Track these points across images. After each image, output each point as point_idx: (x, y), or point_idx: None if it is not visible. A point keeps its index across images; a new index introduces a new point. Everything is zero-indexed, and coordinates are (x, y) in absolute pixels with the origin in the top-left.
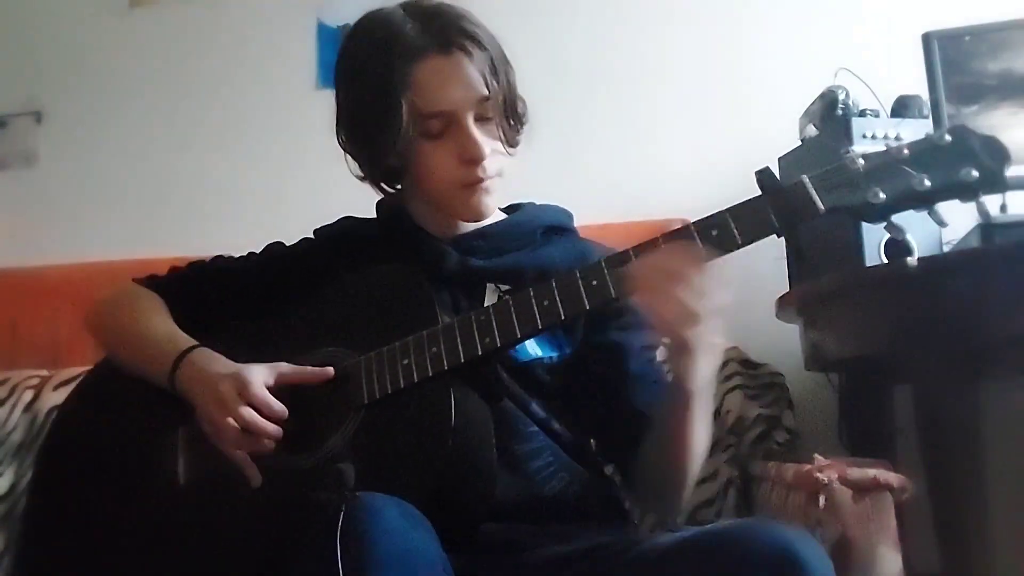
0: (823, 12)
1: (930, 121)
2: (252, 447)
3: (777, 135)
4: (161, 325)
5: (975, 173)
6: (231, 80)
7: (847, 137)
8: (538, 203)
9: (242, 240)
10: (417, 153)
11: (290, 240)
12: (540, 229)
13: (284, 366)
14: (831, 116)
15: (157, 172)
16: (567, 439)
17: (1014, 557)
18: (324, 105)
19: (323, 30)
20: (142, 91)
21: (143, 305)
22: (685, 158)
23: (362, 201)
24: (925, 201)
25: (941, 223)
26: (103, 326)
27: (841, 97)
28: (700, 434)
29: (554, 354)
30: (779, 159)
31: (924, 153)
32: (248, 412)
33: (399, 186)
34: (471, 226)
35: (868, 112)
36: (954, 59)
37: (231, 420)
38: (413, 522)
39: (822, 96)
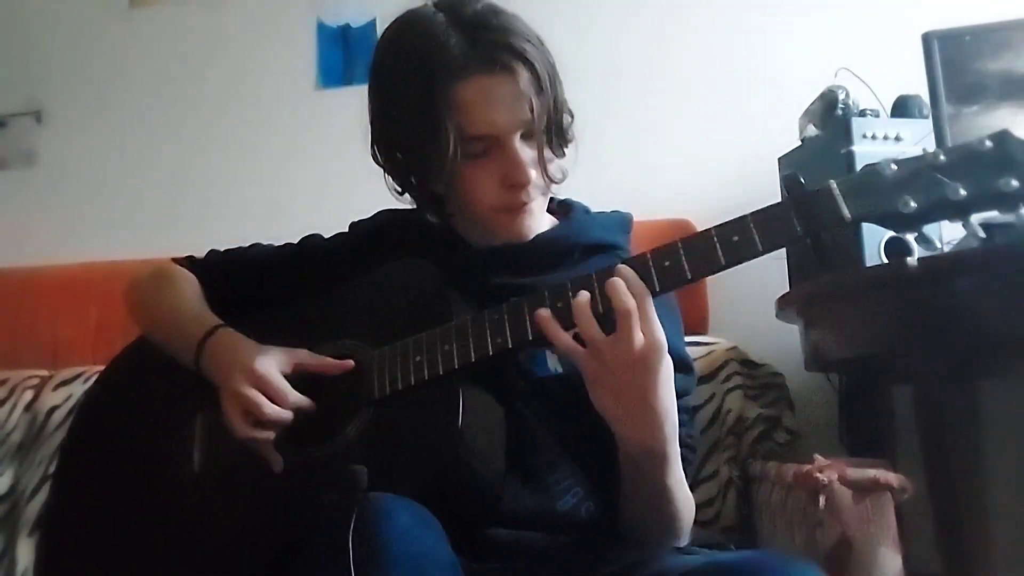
0: (823, 12)
1: (930, 121)
2: (264, 434)
3: (777, 135)
4: (192, 305)
5: (1015, 183)
6: (231, 80)
7: (847, 137)
8: (592, 212)
9: (242, 240)
10: (460, 174)
11: (289, 235)
12: (581, 248)
13: (304, 354)
14: (831, 116)
15: (157, 172)
16: (584, 456)
17: (1014, 557)
18: (324, 105)
19: (323, 30)
20: (142, 91)
21: (178, 284)
22: (685, 158)
23: (362, 201)
24: (959, 212)
25: (975, 235)
26: (139, 302)
27: (841, 97)
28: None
29: (572, 370)
30: (779, 159)
31: (961, 160)
32: (253, 395)
33: (444, 208)
34: None
35: (868, 112)
36: (954, 59)
37: (245, 418)
38: (425, 524)
39: (822, 96)
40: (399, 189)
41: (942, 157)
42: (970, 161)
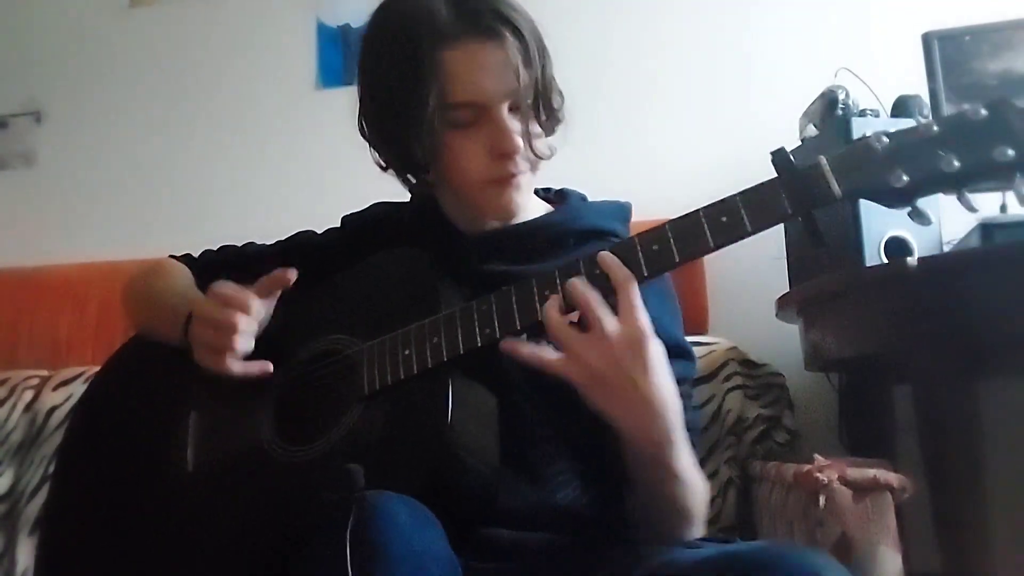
0: (823, 12)
1: None
2: (241, 344)
3: (777, 135)
4: (181, 289)
5: (1011, 152)
6: (231, 80)
7: (847, 137)
8: (589, 199)
9: (242, 240)
10: (446, 144)
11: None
12: (575, 234)
13: (259, 280)
14: (831, 116)
15: (157, 172)
16: (582, 447)
17: (1014, 557)
18: (324, 105)
19: (323, 30)
20: (142, 91)
21: (169, 274)
22: (684, 157)
23: (362, 200)
24: (954, 184)
25: (971, 208)
26: (132, 294)
27: (841, 97)
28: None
29: None
30: None
31: (955, 130)
32: (225, 316)
33: (426, 177)
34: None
35: (868, 112)
36: (954, 59)
37: (216, 337)
38: (424, 522)
39: (822, 96)
40: (383, 164)
41: (935, 128)
42: (965, 131)
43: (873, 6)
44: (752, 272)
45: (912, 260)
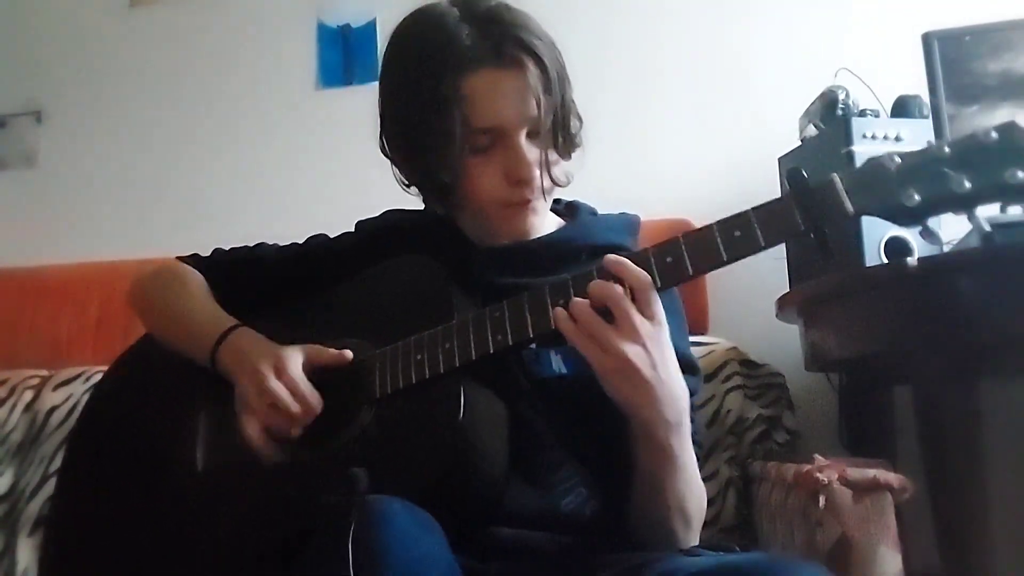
0: (823, 12)
1: (930, 121)
2: (277, 424)
3: (777, 135)
4: (205, 304)
5: (1021, 175)
6: (231, 80)
7: (847, 137)
8: (600, 214)
9: (242, 239)
10: (464, 167)
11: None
12: (587, 250)
13: (315, 350)
14: (831, 116)
15: (157, 172)
16: (588, 456)
17: (1014, 557)
18: (324, 105)
19: (323, 30)
20: (142, 91)
21: (188, 283)
22: (685, 158)
23: (363, 200)
24: (964, 204)
25: (981, 228)
26: (146, 300)
27: (841, 97)
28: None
29: (576, 371)
30: (779, 159)
31: (966, 152)
32: (279, 387)
33: (449, 198)
34: None
35: (868, 112)
36: (954, 59)
37: (262, 395)
38: (424, 527)
39: (822, 96)
40: (406, 181)
41: (947, 149)
42: (975, 153)
43: (873, 6)
44: (752, 272)
45: (912, 260)
